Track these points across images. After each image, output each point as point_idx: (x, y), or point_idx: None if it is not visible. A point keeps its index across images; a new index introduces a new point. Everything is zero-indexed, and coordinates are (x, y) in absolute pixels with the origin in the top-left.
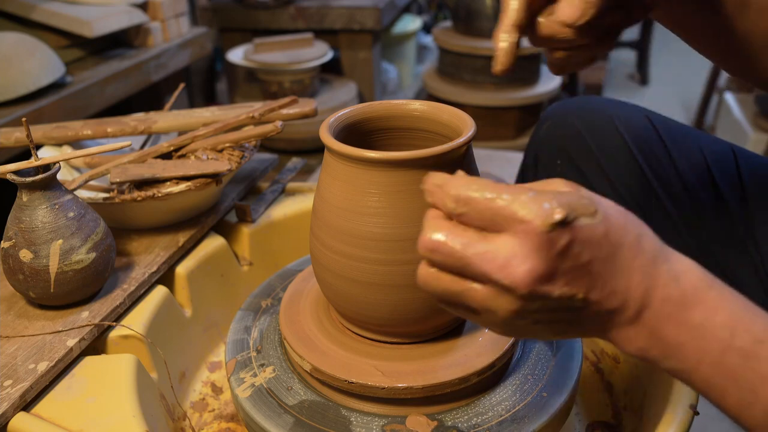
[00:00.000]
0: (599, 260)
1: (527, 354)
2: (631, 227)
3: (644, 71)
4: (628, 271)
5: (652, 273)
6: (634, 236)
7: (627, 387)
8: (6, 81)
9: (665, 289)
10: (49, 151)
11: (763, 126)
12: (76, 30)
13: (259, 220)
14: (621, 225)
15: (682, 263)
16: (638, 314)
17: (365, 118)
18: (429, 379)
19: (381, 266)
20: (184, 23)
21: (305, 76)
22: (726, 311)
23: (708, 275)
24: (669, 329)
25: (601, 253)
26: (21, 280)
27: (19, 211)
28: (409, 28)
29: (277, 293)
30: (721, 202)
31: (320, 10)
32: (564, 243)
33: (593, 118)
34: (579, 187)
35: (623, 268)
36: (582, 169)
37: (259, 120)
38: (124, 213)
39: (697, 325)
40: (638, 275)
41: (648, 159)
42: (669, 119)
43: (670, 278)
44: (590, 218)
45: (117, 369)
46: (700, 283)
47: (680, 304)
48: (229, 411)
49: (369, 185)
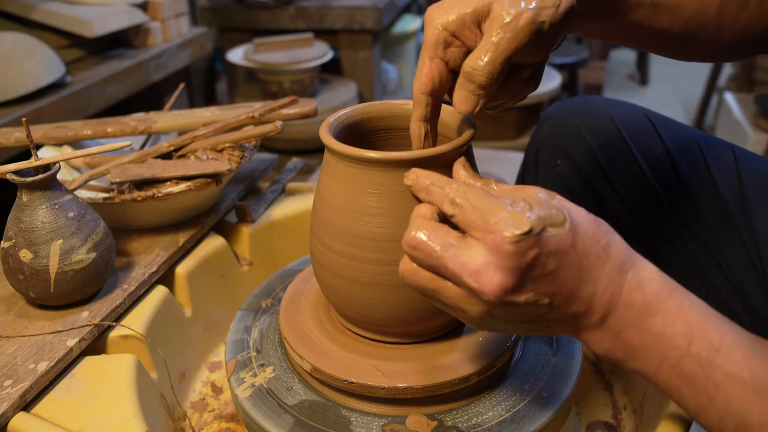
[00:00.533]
0: (565, 268)
1: (527, 354)
2: (599, 236)
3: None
4: (595, 278)
5: (618, 280)
6: (602, 245)
7: (627, 387)
8: (6, 81)
9: (629, 296)
10: (49, 151)
11: (763, 126)
12: (76, 30)
13: (259, 220)
14: (589, 234)
15: (646, 271)
16: (603, 319)
17: (365, 118)
18: (429, 379)
19: (381, 266)
20: (184, 23)
21: (305, 76)
22: (683, 321)
23: (670, 284)
24: (631, 334)
25: (568, 261)
26: (21, 280)
27: (19, 211)
28: (409, 28)
29: (277, 293)
30: (721, 202)
31: (320, 10)
32: (532, 255)
33: (593, 117)
34: (554, 196)
35: (590, 275)
36: (582, 168)
37: (259, 120)
38: (124, 213)
39: (657, 332)
40: (604, 283)
41: (648, 158)
42: (669, 119)
43: (634, 286)
44: (559, 228)
45: (117, 369)
46: (662, 291)
47: (642, 312)
48: (229, 411)
49: (369, 185)
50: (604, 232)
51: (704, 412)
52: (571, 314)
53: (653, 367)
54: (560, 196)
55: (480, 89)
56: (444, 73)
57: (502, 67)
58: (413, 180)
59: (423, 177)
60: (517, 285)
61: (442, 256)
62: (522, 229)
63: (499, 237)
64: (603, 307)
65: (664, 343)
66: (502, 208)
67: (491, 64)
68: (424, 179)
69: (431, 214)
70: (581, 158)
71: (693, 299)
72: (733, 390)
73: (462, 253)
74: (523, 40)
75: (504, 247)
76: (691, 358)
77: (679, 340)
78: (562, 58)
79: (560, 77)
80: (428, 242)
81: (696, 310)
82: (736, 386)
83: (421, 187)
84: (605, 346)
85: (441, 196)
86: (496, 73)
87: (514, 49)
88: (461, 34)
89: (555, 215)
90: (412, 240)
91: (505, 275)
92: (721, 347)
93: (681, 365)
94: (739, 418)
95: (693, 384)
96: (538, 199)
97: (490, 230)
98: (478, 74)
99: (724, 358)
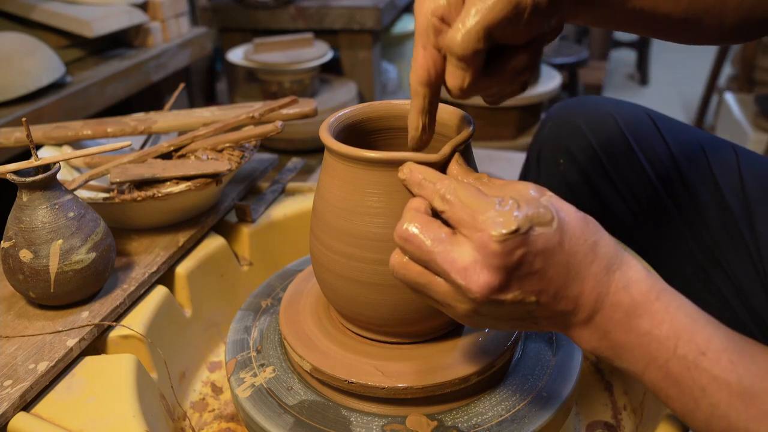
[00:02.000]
0: (552, 266)
1: (527, 354)
2: (587, 235)
3: (644, 71)
4: (582, 278)
5: (605, 280)
6: (590, 244)
7: (627, 387)
8: (6, 81)
9: (616, 296)
10: (49, 151)
11: (763, 126)
12: (76, 30)
13: (259, 220)
14: (577, 233)
15: (633, 271)
16: (590, 318)
17: (365, 118)
18: (429, 379)
19: (381, 266)
20: (184, 23)
21: (305, 76)
22: (670, 323)
23: (658, 284)
24: (619, 334)
25: (555, 260)
26: (21, 280)
27: (19, 211)
28: (409, 28)
29: (277, 293)
30: (723, 202)
31: (320, 10)
32: (519, 254)
33: (595, 116)
34: (543, 192)
35: (577, 275)
36: (584, 167)
37: (259, 120)
38: (124, 213)
39: (644, 333)
40: (591, 282)
41: (650, 158)
42: (671, 119)
43: (621, 286)
44: (546, 227)
45: (117, 369)
46: (649, 292)
47: (629, 312)
48: (229, 411)
49: (369, 185)
50: (592, 231)
51: (691, 415)
52: (559, 312)
53: (641, 367)
54: (551, 193)
55: (461, 62)
56: (439, 61)
57: (477, 38)
58: (407, 174)
59: (416, 172)
60: (503, 284)
61: (432, 251)
62: (509, 228)
63: (486, 236)
64: (590, 306)
65: (651, 344)
66: (490, 206)
67: (467, 34)
68: (417, 174)
69: (425, 209)
70: (583, 158)
71: (681, 300)
72: (719, 394)
73: (452, 250)
74: (500, 14)
75: (490, 246)
76: (678, 361)
77: (666, 342)
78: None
79: (560, 77)
80: (419, 236)
81: (683, 312)
82: (722, 390)
83: (414, 181)
84: (593, 344)
85: (432, 192)
86: (472, 42)
87: (490, 19)
88: (449, 17)
89: (543, 214)
90: (404, 233)
91: (492, 274)
92: (708, 351)
93: (668, 367)
94: (726, 422)
95: (680, 386)
96: (528, 197)
97: (478, 228)
98: (455, 45)
99: (711, 361)
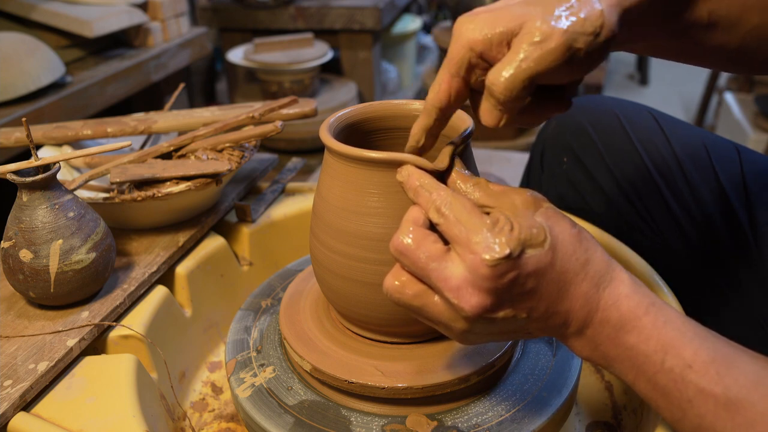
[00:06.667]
0: (544, 285)
1: (527, 354)
2: (579, 253)
3: (644, 71)
4: (572, 296)
5: (594, 297)
6: (581, 262)
7: (627, 387)
8: (6, 81)
9: (605, 312)
10: (49, 151)
11: (763, 126)
12: (76, 30)
13: (259, 220)
14: (569, 251)
15: (624, 287)
16: (581, 331)
17: (365, 118)
18: (429, 379)
19: (381, 266)
20: (184, 23)
21: (305, 76)
22: (657, 337)
23: (646, 300)
24: (608, 347)
25: (546, 279)
26: (21, 280)
27: (19, 211)
28: (409, 28)
29: (277, 293)
30: (724, 201)
31: (320, 10)
32: (510, 277)
33: (599, 116)
34: (540, 204)
35: (567, 292)
36: (587, 166)
37: (259, 120)
38: (124, 213)
39: (631, 347)
40: (581, 300)
41: (652, 157)
42: (674, 118)
43: (611, 302)
44: (538, 248)
45: (117, 369)
46: (637, 308)
47: (617, 328)
48: (229, 411)
49: (369, 185)
50: (584, 248)
51: (680, 425)
52: (550, 325)
53: (631, 378)
54: (548, 204)
55: (500, 104)
56: (462, 92)
57: (523, 86)
58: (405, 177)
59: (414, 177)
60: (494, 305)
61: (426, 267)
62: (501, 253)
63: (478, 259)
64: (580, 321)
65: (638, 358)
66: (483, 227)
67: (511, 81)
68: (414, 180)
69: (422, 221)
70: (586, 155)
71: (670, 315)
72: (705, 405)
73: (445, 267)
74: (552, 64)
75: (481, 270)
76: (665, 374)
77: (653, 357)
78: None
79: None
80: (415, 251)
81: (672, 326)
82: (708, 402)
83: (410, 186)
84: (585, 353)
85: (428, 202)
86: (515, 90)
87: (538, 70)
88: (488, 55)
89: (536, 235)
90: (400, 245)
91: (483, 296)
92: (695, 363)
93: (656, 380)
94: None
95: (668, 398)
96: (522, 214)
97: (471, 250)
98: (496, 89)
99: (697, 374)
